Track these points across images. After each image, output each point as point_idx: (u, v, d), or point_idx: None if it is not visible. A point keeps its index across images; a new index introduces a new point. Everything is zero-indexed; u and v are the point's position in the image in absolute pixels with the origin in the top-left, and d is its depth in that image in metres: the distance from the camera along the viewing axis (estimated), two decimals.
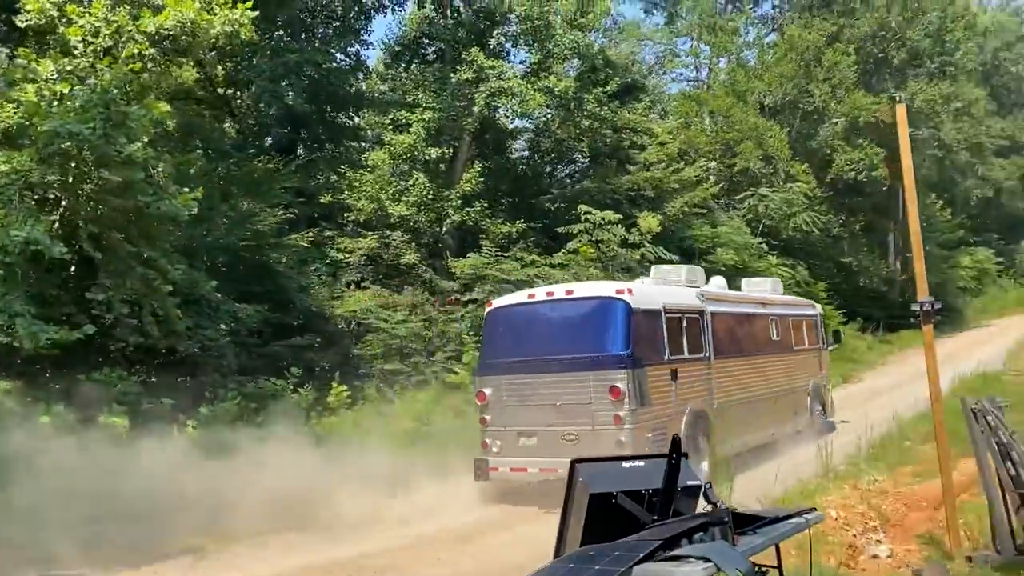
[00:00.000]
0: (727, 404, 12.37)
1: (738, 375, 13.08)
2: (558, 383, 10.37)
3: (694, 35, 35.84)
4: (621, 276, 20.74)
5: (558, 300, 11.26)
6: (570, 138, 22.89)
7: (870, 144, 29.68)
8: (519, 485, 11.05)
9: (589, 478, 3.90)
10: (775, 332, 14.83)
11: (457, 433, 14.33)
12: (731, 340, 13.01)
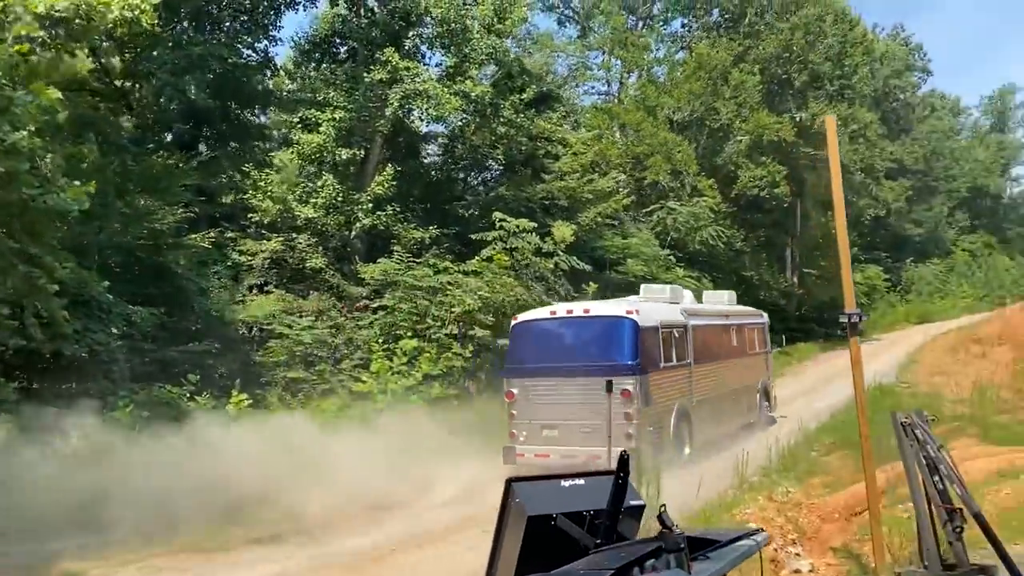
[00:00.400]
0: (702, 401, 14.66)
1: (710, 377, 15.29)
2: (577, 385, 12.16)
3: (606, 49, 36.16)
4: (535, 285, 20.62)
5: (576, 317, 13.36)
6: (485, 144, 22.61)
7: (772, 162, 30.56)
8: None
9: (526, 498, 3.56)
10: (735, 339, 17.27)
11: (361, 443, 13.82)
12: (705, 348, 15.18)
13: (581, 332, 13.22)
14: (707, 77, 30.26)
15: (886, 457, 13.92)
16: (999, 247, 68.18)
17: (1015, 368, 25.43)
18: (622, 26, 35.15)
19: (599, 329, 13.09)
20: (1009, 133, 79.29)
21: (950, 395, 21.47)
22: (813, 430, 16.59)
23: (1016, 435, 16.73)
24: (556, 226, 21.64)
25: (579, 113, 32.05)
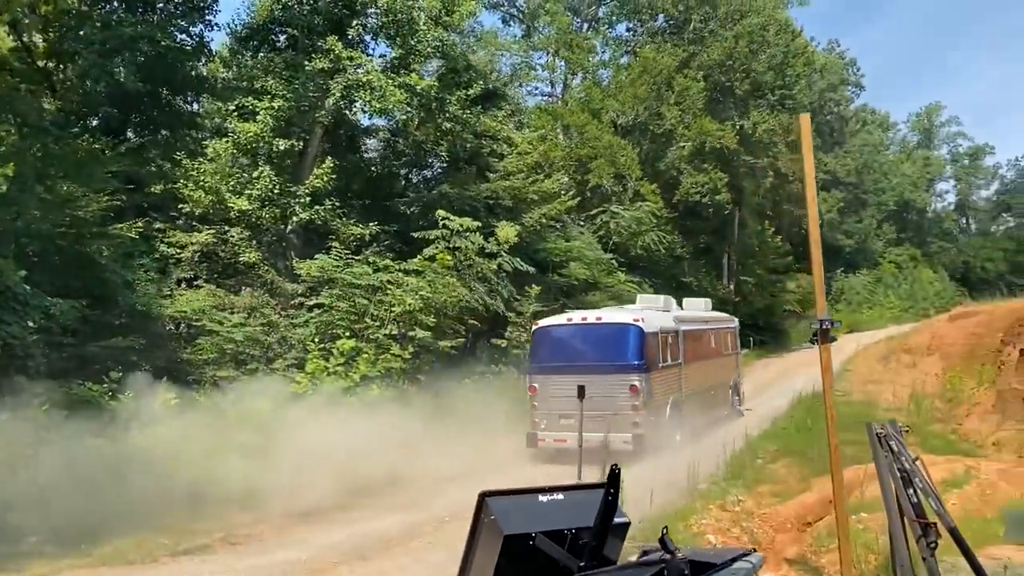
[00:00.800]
0: (690, 395, 16.96)
1: (695, 375, 17.55)
2: (591, 381, 12.71)
3: (551, 50, 35.93)
4: (477, 286, 20.17)
5: (590, 324, 15.73)
6: (428, 140, 22.06)
7: (714, 169, 30.69)
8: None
9: (502, 515, 3.20)
10: (713, 342, 19.79)
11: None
12: (692, 350, 17.44)
13: (594, 336, 15.42)
14: (652, 82, 30.24)
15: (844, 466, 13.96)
16: (923, 260, 70.42)
17: (945, 378, 25.94)
18: (567, 27, 34.95)
19: (610, 334, 15.36)
20: (935, 150, 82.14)
21: (884, 404, 21.77)
22: (756, 437, 16.56)
23: (952, 444, 16.96)
24: (500, 226, 21.20)
25: (523, 113, 31.72)
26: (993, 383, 21.48)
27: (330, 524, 10.80)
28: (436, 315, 18.62)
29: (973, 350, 28.37)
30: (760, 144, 32.57)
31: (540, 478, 12.01)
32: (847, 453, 15.34)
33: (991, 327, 29.25)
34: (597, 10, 37.70)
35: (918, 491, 6.37)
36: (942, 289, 67.71)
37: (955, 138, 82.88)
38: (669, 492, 11.23)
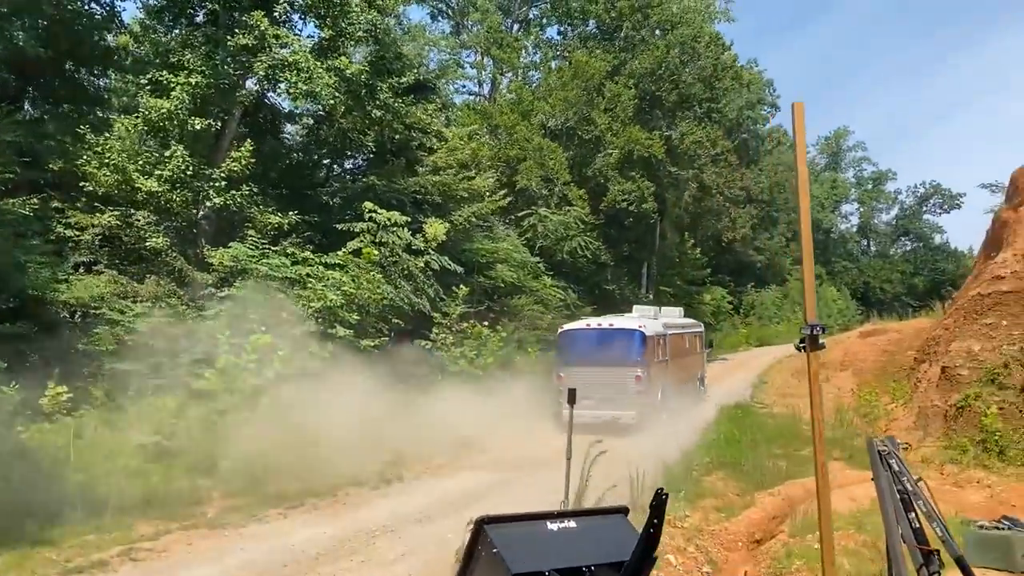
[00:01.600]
0: (672, 383, 21.25)
1: (676, 368, 22.11)
2: (605, 372, 18.48)
3: (480, 49, 35.24)
4: (403, 284, 19.30)
5: (605, 328, 20.17)
6: (355, 129, 20.98)
7: (641, 178, 30.53)
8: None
9: (505, 548, 2.61)
10: (687, 343, 24.46)
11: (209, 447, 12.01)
12: (674, 349, 22.07)
13: (608, 338, 19.63)
14: (583, 86, 29.88)
15: (770, 480, 13.65)
16: (828, 279, 72.69)
17: (860, 394, 26.35)
18: (497, 26, 34.34)
19: (620, 337, 19.63)
20: (841, 173, 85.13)
21: (805, 417, 21.81)
22: (686, 447, 16.21)
23: None
24: (429, 223, 20.36)
25: (450, 109, 30.89)
26: (910, 399, 21.84)
27: (243, 539, 9.75)
28: (360, 312, 17.61)
29: (885, 367, 29.04)
30: (686, 156, 32.68)
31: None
32: (781, 467, 15.19)
33: (901, 345, 30.01)
34: (528, 11, 37.26)
35: (920, 515, 5.89)
36: (845, 307, 70.13)
37: (860, 163, 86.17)
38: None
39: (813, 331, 6.41)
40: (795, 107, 6.59)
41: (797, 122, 6.40)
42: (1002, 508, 12.89)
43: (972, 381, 17.57)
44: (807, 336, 6.50)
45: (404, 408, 17.14)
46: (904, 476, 5.91)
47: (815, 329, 6.43)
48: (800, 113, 6.48)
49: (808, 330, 6.43)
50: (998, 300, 18.16)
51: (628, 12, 32.23)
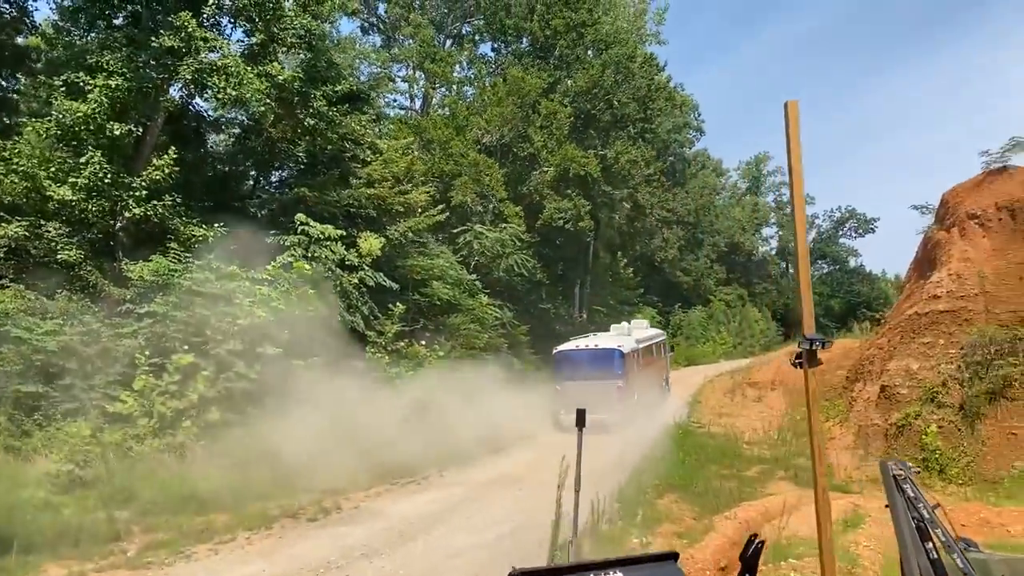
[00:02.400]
0: (643, 389, 24.91)
1: (646, 375, 25.98)
2: (592, 384, 21.77)
3: (412, 63, 34.57)
4: (337, 300, 18.43)
5: (591, 348, 23.57)
6: (284, 139, 20.07)
7: (578, 195, 30.28)
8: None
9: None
10: (654, 352, 28.44)
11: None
12: (645, 359, 25.94)
13: (593, 357, 23.31)
14: (519, 103, 29.51)
15: (724, 503, 13.26)
16: (750, 300, 74.08)
17: (791, 413, 26.50)
18: (431, 41, 33.77)
19: (604, 356, 23.23)
20: (761, 197, 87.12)
21: (746, 437, 21.71)
22: (631, 468, 15.79)
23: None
24: (363, 237, 19.56)
25: (382, 123, 30.11)
26: (846, 418, 21.95)
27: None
28: (291, 330, 16.66)
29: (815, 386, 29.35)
30: (619, 176, 32.60)
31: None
32: (730, 488, 14.84)
33: (830, 364, 30.37)
34: (462, 27, 36.83)
35: (938, 545, 5.47)
36: (766, 328, 71.57)
37: (780, 187, 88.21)
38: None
39: (812, 345, 5.97)
40: (789, 105, 6.16)
41: (791, 121, 5.99)
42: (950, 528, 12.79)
43: (911, 400, 17.70)
44: (804, 351, 6.07)
45: (339, 430, 16.29)
46: (920, 503, 5.47)
47: (814, 343, 5.99)
48: (794, 111, 6.07)
49: (807, 344, 5.98)
50: (934, 319, 18.39)
51: (563, 31, 32.09)
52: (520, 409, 23.17)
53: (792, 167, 5.90)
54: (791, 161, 5.92)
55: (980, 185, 19.38)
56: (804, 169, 7.28)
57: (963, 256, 18.56)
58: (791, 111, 6.03)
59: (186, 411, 14.95)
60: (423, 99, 36.14)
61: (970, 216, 19.01)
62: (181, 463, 13.44)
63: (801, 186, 6.00)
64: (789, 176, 5.99)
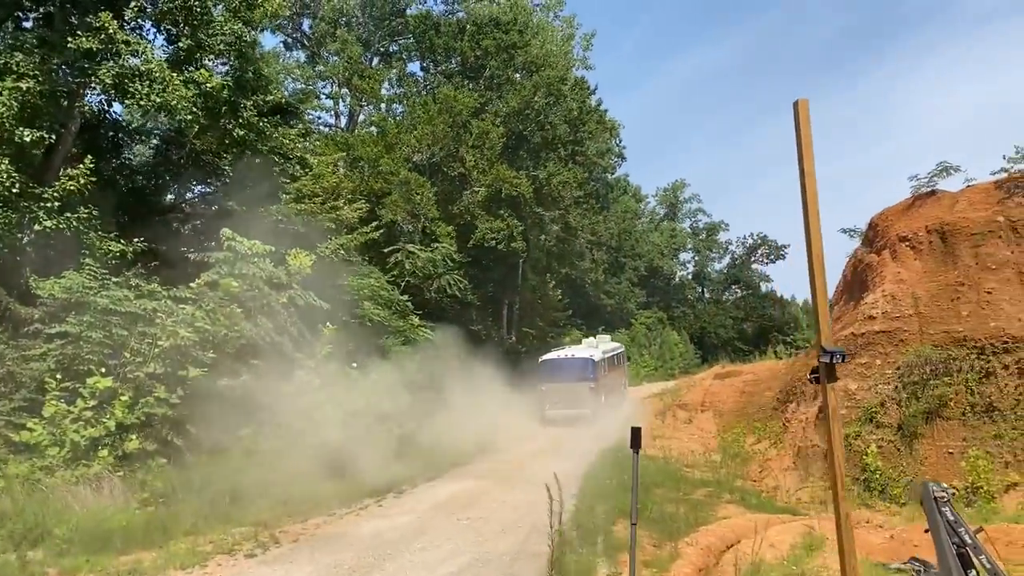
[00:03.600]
0: (608, 390, 30.33)
1: (610, 379, 31.45)
2: (570, 386, 27.90)
3: (338, 79, 33.78)
4: (264, 321, 17.48)
5: (569, 357, 29.68)
6: (209, 151, 19.07)
7: (510, 216, 29.92)
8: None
9: None
10: (615, 361, 33.78)
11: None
12: (609, 367, 31.41)
13: (571, 364, 29.09)
14: (450, 122, 29.04)
15: (681, 528, 12.89)
16: (669, 323, 75.12)
17: (725, 434, 26.54)
18: (358, 57, 33.07)
19: (579, 362, 29.12)
20: (679, 223, 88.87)
21: (684, 459, 21.54)
22: (578, 491, 15.35)
23: (769, 502, 16.72)
24: (293, 254, 18.66)
25: (309, 138, 29.18)
26: (779, 440, 22.04)
27: None
28: (216, 351, 15.66)
29: (744, 407, 29.54)
30: (550, 197, 32.43)
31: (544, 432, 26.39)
32: (677, 512, 14.49)
33: (759, 386, 30.69)
34: (390, 45, 36.24)
35: (982, 572, 5.12)
36: (685, 351, 72.61)
37: (696, 213, 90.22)
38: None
39: (832, 359, 5.62)
40: (799, 104, 5.83)
41: (802, 121, 5.65)
42: (904, 548, 12.73)
43: (851, 420, 17.83)
44: (823, 365, 5.70)
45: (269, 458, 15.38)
46: (961, 528, 5.15)
47: (834, 357, 5.63)
48: (804, 111, 5.73)
49: (826, 357, 5.62)
50: (871, 340, 18.63)
51: (494, 51, 31.87)
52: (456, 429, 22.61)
53: (804, 169, 5.56)
54: (803, 163, 5.59)
55: (910, 209, 19.85)
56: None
57: (896, 278, 18.91)
58: (801, 111, 5.70)
59: (102, 439, 13.78)
60: (348, 116, 35.34)
61: (901, 239, 19.43)
62: (98, 496, 12.31)
63: (815, 188, 5.66)
64: (801, 178, 5.66)
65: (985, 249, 17.94)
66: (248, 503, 13.06)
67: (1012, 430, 16.08)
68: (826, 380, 5.53)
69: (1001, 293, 17.36)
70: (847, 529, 5.30)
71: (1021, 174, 18.57)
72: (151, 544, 10.27)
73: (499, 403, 28.01)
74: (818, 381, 5.69)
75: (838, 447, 5.52)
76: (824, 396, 5.63)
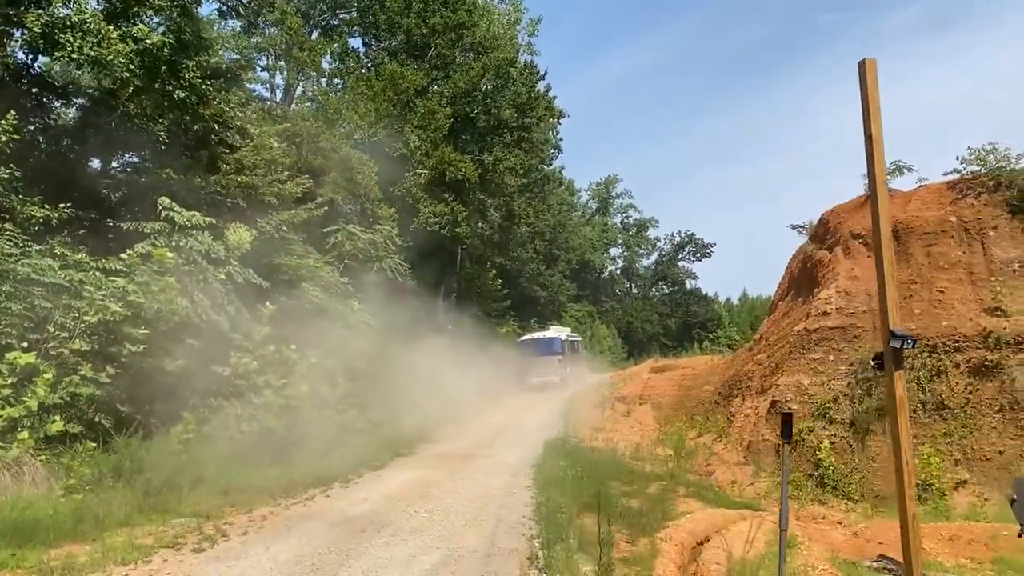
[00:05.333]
0: (571, 366, 41.47)
1: (572, 358, 42.48)
2: (544, 358, 39.02)
3: (276, 51, 32.33)
4: (201, 298, 16.38)
5: (542, 337, 41.47)
6: (143, 115, 17.75)
7: (454, 200, 29.11)
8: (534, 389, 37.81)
9: None
10: (575, 345, 45.62)
11: None
12: (570, 348, 42.58)
13: (544, 341, 40.02)
14: (394, 99, 28.04)
15: (649, 523, 12.42)
16: (598, 317, 75.48)
17: (665, 428, 26.39)
18: (299, 29, 31.68)
19: (550, 340, 40.19)
20: (610, 218, 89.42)
21: (627, 452, 21.20)
22: (539, 487, 14.77)
23: (723, 497, 16.45)
24: (232, 228, 17.56)
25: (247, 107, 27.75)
26: (725, 434, 21.92)
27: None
28: (150, 327, 14.53)
29: (683, 401, 29.52)
30: (494, 184, 31.74)
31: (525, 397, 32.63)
32: (638, 506, 14.05)
33: (697, 380, 30.72)
34: (331, 18, 34.90)
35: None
36: (614, 344, 73.04)
37: (627, 209, 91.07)
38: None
39: (903, 344, 5.13)
40: (866, 64, 5.33)
41: (870, 83, 5.16)
42: (870, 546, 12.60)
43: (804, 415, 17.75)
44: (891, 350, 5.22)
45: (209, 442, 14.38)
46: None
47: (905, 342, 5.15)
48: (872, 71, 5.24)
49: (897, 342, 5.13)
50: (824, 335, 18.59)
51: (442, 30, 30.94)
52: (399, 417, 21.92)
53: (872, 134, 5.03)
54: (870, 127, 5.08)
55: (863, 206, 19.90)
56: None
57: (850, 274, 18.92)
58: (869, 71, 5.15)
59: (22, 420, 12.57)
60: (285, 90, 33.94)
61: (854, 236, 19.46)
62: (18, 483, 11.16)
63: (882, 155, 5.14)
64: (867, 145, 5.15)
65: (938, 248, 18.09)
66: (186, 492, 12.07)
67: (962, 428, 16.22)
68: (892, 367, 5.03)
69: (953, 293, 17.51)
70: (914, 530, 4.83)
71: (973, 176, 18.80)
72: (82, 536, 9.24)
73: (440, 390, 27.33)
74: (882, 368, 5.18)
75: (905, 441, 5.05)
76: (889, 385, 5.14)
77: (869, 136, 4.91)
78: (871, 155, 4.91)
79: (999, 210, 17.71)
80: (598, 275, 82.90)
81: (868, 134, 4.92)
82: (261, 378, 17.84)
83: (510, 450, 20.39)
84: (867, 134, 4.93)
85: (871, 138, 4.91)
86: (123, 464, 12.45)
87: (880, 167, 4.90)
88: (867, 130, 4.97)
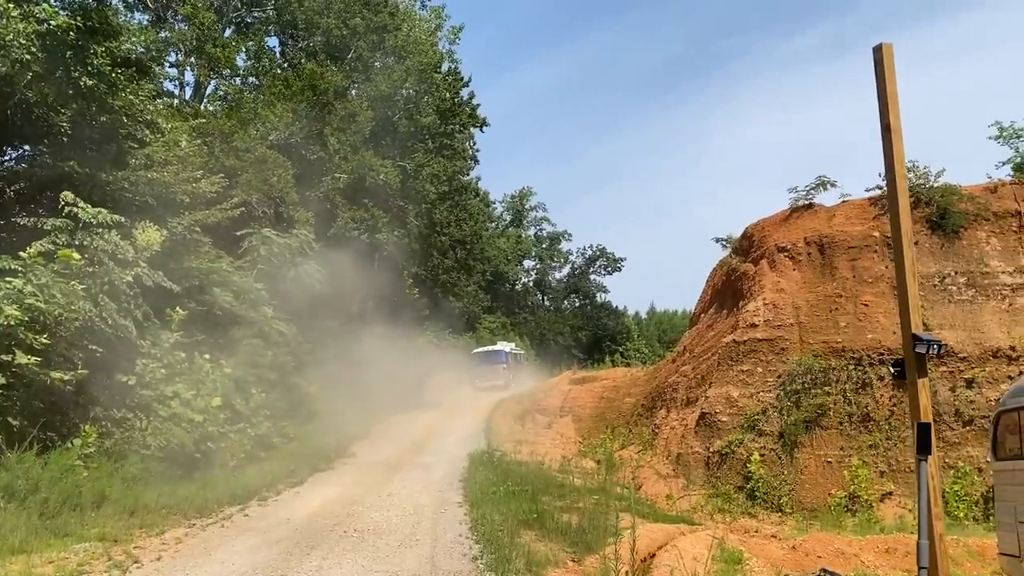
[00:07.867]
0: (514, 373, 49.53)
1: (515, 368, 51.52)
2: (492, 367, 48.74)
3: (186, 46, 30.86)
4: (107, 301, 15.20)
5: (491, 349, 52.10)
6: (44, 104, 16.41)
7: (374, 206, 28.27)
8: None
9: None
10: (518, 357, 56.60)
11: None
12: (513, 360, 52.97)
13: (493, 353, 50.52)
14: (313, 100, 27.06)
15: (592, 539, 11.97)
16: (511, 328, 75.24)
17: (587, 440, 26.15)
18: (212, 24, 30.35)
19: (497, 352, 50.58)
20: (524, 230, 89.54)
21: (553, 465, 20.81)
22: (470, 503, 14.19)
23: (657, 511, 16.20)
24: (141, 228, 16.41)
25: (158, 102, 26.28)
26: (649, 446, 21.77)
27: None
28: (49, 334, 13.33)
29: (603, 412, 29.37)
30: (416, 190, 31.03)
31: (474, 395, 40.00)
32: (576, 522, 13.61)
33: (618, 391, 30.63)
34: (246, 16, 33.58)
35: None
36: (528, 356, 72.88)
37: (541, 222, 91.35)
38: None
39: (930, 349, 4.73)
40: (883, 49, 5.00)
41: (886, 69, 4.84)
42: (808, 560, 12.49)
43: (733, 427, 17.71)
44: (915, 356, 4.81)
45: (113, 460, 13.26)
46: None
47: (931, 347, 4.74)
48: (889, 57, 4.92)
49: (922, 347, 4.72)
50: (753, 348, 18.64)
51: (363, 31, 30.12)
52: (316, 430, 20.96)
53: (890, 124, 4.69)
54: (888, 117, 4.74)
55: (788, 220, 20.15)
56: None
57: (776, 287, 19.07)
58: (886, 57, 4.80)
59: None
60: (195, 87, 32.47)
61: (780, 249, 19.65)
62: None
63: (901, 147, 4.78)
64: (884, 136, 4.79)
65: (862, 263, 18.42)
66: (89, 513, 11.02)
67: (887, 440, 16.45)
68: (916, 374, 4.65)
69: (877, 306, 17.82)
70: (941, 550, 4.47)
71: None
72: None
73: (358, 401, 26.46)
74: (901, 376, 4.80)
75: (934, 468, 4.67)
76: (912, 392, 4.76)
77: (887, 126, 4.59)
78: (888, 146, 4.59)
79: (920, 226, 18.16)
80: (512, 287, 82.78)
81: (885, 124, 4.60)
82: (169, 388, 16.70)
83: (435, 464, 19.74)
84: (884, 124, 4.62)
85: (888, 128, 4.59)
86: (16, 483, 11.27)
87: (900, 160, 4.58)
88: (884, 120, 4.66)
